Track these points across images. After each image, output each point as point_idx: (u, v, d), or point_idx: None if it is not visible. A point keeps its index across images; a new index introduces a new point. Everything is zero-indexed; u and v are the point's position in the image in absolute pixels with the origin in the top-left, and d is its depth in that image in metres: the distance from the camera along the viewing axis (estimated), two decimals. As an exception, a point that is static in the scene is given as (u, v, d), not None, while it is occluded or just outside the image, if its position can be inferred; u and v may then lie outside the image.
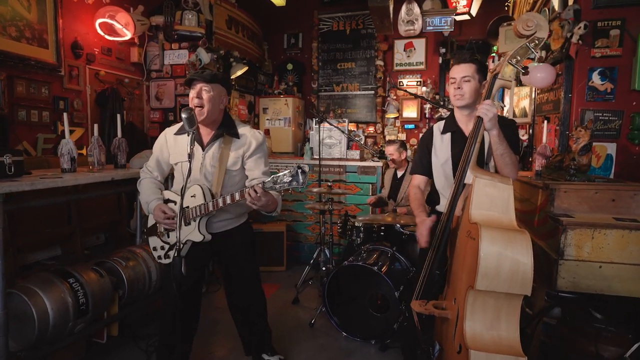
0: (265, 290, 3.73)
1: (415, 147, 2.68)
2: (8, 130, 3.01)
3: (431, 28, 3.99)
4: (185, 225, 1.97)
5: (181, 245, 1.98)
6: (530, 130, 3.84)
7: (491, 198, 1.61)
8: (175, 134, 2.07)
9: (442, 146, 2.03)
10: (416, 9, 4.83)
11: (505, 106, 4.25)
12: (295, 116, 5.80)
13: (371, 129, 5.90)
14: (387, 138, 5.61)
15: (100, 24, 3.63)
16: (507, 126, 1.89)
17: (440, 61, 5.53)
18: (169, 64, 4.37)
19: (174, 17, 4.32)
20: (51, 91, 3.33)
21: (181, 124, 2.07)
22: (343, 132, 3.73)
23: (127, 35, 3.80)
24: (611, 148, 2.76)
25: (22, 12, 3.08)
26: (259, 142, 2.07)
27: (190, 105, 1.95)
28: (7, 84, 2.98)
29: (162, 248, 2.07)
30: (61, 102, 3.42)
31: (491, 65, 4.32)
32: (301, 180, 1.66)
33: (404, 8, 5.26)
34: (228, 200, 1.83)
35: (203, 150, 2.01)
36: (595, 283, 1.90)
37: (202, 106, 1.92)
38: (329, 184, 3.28)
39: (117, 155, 2.67)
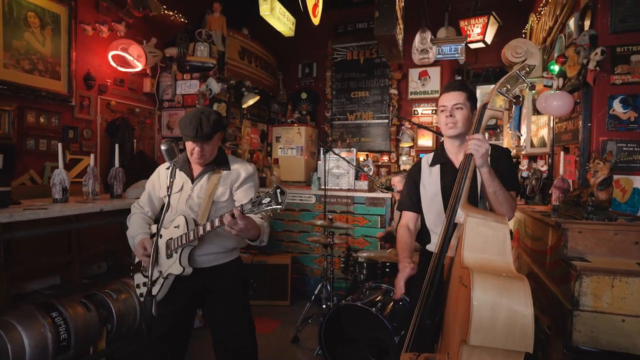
0: (265, 326, 3.61)
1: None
2: (15, 159, 3.06)
3: (441, 56, 3.89)
4: (167, 257, 1.88)
5: (156, 283, 1.89)
6: (550, 161, 3.61)
7: (485, 239, 1.44)
8: (168, 168, 1.99)
9: (430, 179, 1.89)
10: (430, 37, 4.77)
11: (522, 135, 4.05)
12: (308, 145, 5.76)
13: (385, 158, 5.77)
14: (402, 167, 5.45)
15: (113, 56, 3.73)
16: (501, 157, 1.75)
17: (456, 89, 5.39)
18: (180, 94, 4.44)
19: (187, 49, 4.42)
20: (61, 121, 3.40)
21: (174, 159, 2.01)
22: (349, 162, 3.62)
23: (139, 66, 3.88)
24: (638, 182, 2.52)
25: (37, 46, 3.19)
26: (249, 173, 1.99)
27: (188, 153, 1.90)
28: (17, 114, 3.06)
29: (145, 285, 1.98)
30: (71, 132, 3.48)
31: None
32: (280, 201, 1.54)
33: (417, 37, 5.22)
34: (208, 228, 1.73)
35: (192, 182, 1.94)
36: (618, 340, 1.66)
37: (203, 157, 1.88)
38: (330, 217, 3.14)
39: (114, 185, 2.65)
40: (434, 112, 5.50)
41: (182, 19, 4.69)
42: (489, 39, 4.54)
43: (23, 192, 3.04)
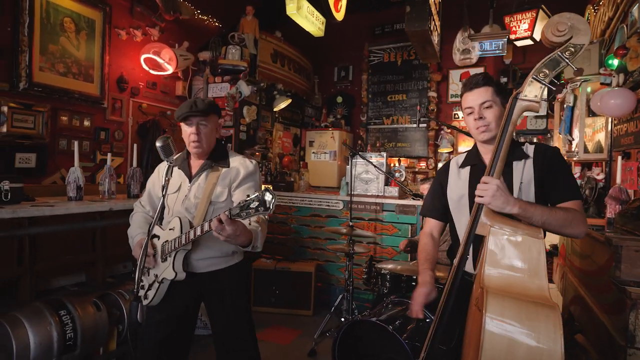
0: (284, 336, 3.46)
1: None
2: (48, 159, 3.17)
3: (480, 53, 3.58)
4: (163, 261, 1.79)
5: (152, 287, 1.80)
6: (607, 168, 3.19)
7: (512, 255, 1.20)
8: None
9: (458, 182, 1.64)
10: (474, 42, 4.46)
11: (573, 139, 3.63)
12: (341, 150, 5.59)
13: (423, 164, 5.47)
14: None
15: (145, 59, 3.80)
16: (546, 160, 1.45)
17: (501, 91, 5.00)
18: (212, 97, 4.45)
19: (219, 53, 4.44)
20: (93, 122, 3.50)
21: (175, 156, 1.94)
22: (377, 167, 3.41)
23: (170, 69, 3.93)
24: None
25: (71, 50, 3.30)
26: (249, 171, 1.85)
27: (186, 142, 1.82)
28: (50, 115, 3.17)
29: (142, 287, 1.90)
30: (102, 133, 3.57)
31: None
32: (267, 207, 1.42)
33: (458, 36, 4.92)
34: (198, 232, 1.62)
35: (190, 181, 1.84)
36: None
37: (200, 141, 1.77)
38: (351, 224, 2.95)
39: (130, 184, 2.63)
40: (476, 115, 5.13)
41: (217, 23, 4.73)
42: (537, 35, 4.15)
43: (53, 190, 3.13)
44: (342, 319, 2.91)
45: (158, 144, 1.67)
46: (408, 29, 3.14)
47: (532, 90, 1.30)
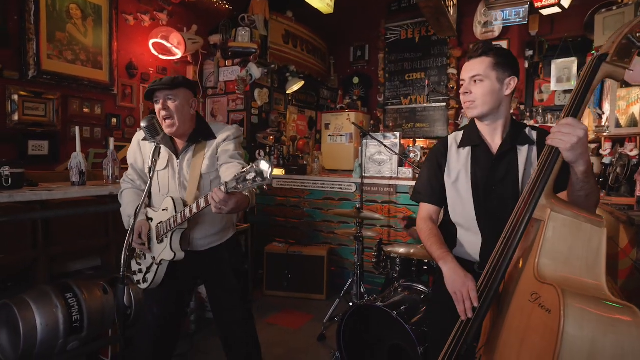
0: (294, 320, 3.43)
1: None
2: (60, 146, 3.22)
3: (500, 23, 3.33)
4: (159, 243, 1.76)
5: (150, 270, 1.78)
6: (641, 144, 2.94)
7: (571, 245, 1.05)
8: (144, 139, 1.84)
9: (458, 164, 1.50)
10: (493, 11, 4.18)
11: (603, 113, 3.35)
12: (358, 132, 5.43)
13: (442, 145, 5.25)
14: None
15: (153, 44, 3.78)
16: None
17: (526, 65, 4.70)
18: (223, 81, 4.41)
19: (230, 35, 4.36)
20: (104, 109, 3.52)
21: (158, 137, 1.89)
22: (388, 147, 3.27)
23: (178, 54, 3.90)
24: None
25: (79, 37, 3.31)
26: (232, 133, 1.79)
27: (161, 118, 1.75)
28: (61, 102, 3.20)
29: (140, 272, 1.89)
30: (113, 119, 3.60)
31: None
32: (265, 175, 1.33)
33: (479, 8, 4.64)
34: (194, 209, 1.58)
35: (177, 158, 1.79)
36: None
37: (171, 117, 1.71)
38: (357, 206, 2.85)
39: (135, 169, 2.62)
40: (499, 92, 4.85)
41: (227, 6, 4.64)
42: (566, 2, 3.83)
43: (66, 176, 3.17)
44: (350, 304, 2.84)
45: (143, 124, 1.63)
46: (420, 1, 2.95)
47: (623, 53, 1.08)
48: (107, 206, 2.83)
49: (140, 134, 1.90)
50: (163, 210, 1.74)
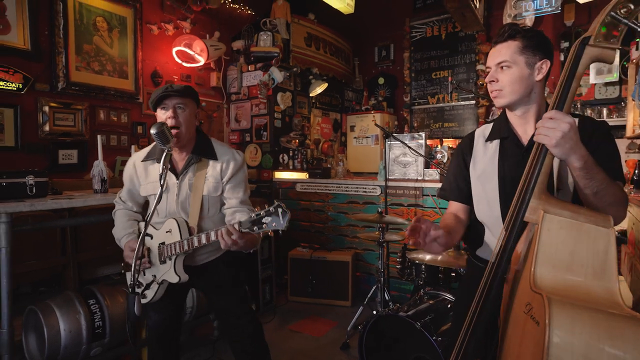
0: (318, 327, 3.35)
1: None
2: (88, 154, 3.32)
3: (530, 13, 3.14)
4: (161, 263, 1.74)
5: (150, 287, 1.78)
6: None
7: (573, 250, 0.94)
8: (143, 160, 1.82)
9: (484, 158, 1.40)
10: (524, 2, 3.97)
11: (649, 106, 3.08)
12: (383, 133, 5.32)
13: (473, 144, 5.04)
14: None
15: (177, 52, 3.84)
16: (595, 135, 1.20)
17: (562, 58, 4.43)
18: (246, 86, 4.42)
19: (252, 41, 4.38)
20: (130, 117, 3.60)
21: (149, 147, 1.86)
22: (412, 148, 3.15)
23: (201, 61, 3.94)
24: None
25: (105, 48, 3.41)
26: (238, 165, 1.77)
27: None
28: (89, 112, 3.30)
29: (138, 286, 1.87)
30: (139, 127, 3.67)
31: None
32: (281, 222, 1.40)
33: (509, 0, 4.42)
34: (203, 240, 1.59)
35: (177, 178, 1.76)
36: None
37: (178, 127, 1.68)
38: (380, 210, 2.74)
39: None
40: (533, 87, 4.60)
41: (250, 11, 4.67)
42: (604, -12, 3.58)
43: (94, 185, 3.29)
44: (374, 312, 2.73)
45: (152, 130, 1.60)
46: (442, -6, 2.82)
47: (608, 32, 1.00)
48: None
49: (137, 155, 1.88)
50: (167, 232, 1.72)
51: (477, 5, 3.19)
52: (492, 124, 1.45)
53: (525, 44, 1.24)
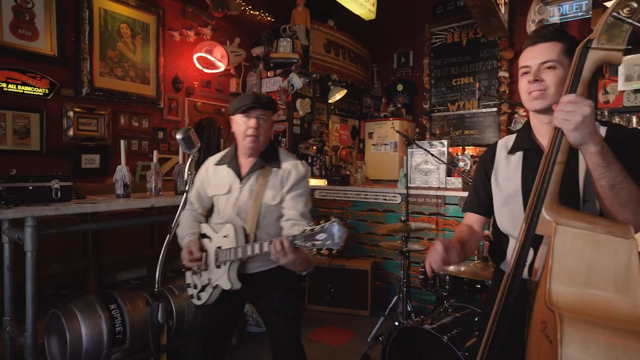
0: (337, 337, 3.29)
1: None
2: (110, 159, 3.35)
3: (556, 18, 3.06)
4: (216, 267, 1.73)
5: (205, 290, 1.75)
6: None
7: (590, 263, 0.89)
8: (216, 164, 1.87)
9: (507, 171, 1.34)
10: (549, 7, 3.89)
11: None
12: (402, 140, 5.25)
13: (494, 152, 4.94)
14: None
15: (197, 58, 3.87)
16: (625, 140, 1.14)
17: (588, 64, 4.31)
18: (265, 92, 4.43)
19: (272, 47, 4.39)
20: (151, 122, 3.63)
21: (223, 153, 1.91)
22: (435, 156, 3.08)
23: (221, 67, 3.96)
24: None
25: (128, 54, 3.45)
26: (300, 176, 1.73)
27: (239, 137, 1.73)
28: (111, 117, 3.34)
29: (195, 287, 1.86)
30: (160, 132, 3.70)
31: None
32: (336, 240, 1.32)
33: (533, 5, 4.34)
34: (257, 250, 1.56)
35: (240, 182, 1.75)
36: None
37: (258, 136, 1.69)
38: (403, 218, 2.68)
39: (177, 181, 2.65)
40: (557, 94, 4.48)
41: (269, 18, 4.69)
42: (634, -8, 3.47)
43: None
44: (396, 323, 2.66)
45: (178, 136, 1.59)
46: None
47: (612, 34, 0.96)
48: (152, 218, 2.89)
49: (211, 159, 1.91)
50: (224, 236, 1.71)
51: (503, 11, 3.12)
52: (514, 135, 1.40)
53: (568, 47, 1.19)
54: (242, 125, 1.70)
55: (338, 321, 3.42)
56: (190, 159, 1.61)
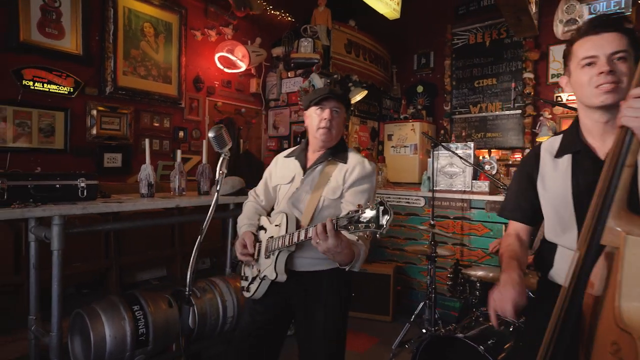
0: (359, 343, 3.21)
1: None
2: (132, 158, 3.34)
3: (593, 17, 2.94)
4: (266, 257, 1.66)
5: (254, 281, 1.68)
6: None
7: None
8: (285, 156, 1.84)
9: (555, 175, 1.25)
10: (579, 5, 3.78)
11: None
12: (422, 142, 5.17)
13: (518, 155, 4.82)
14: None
15: (219, 58, 3.85)
16: None
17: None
18: (285, 93, 4.39)
19: (292, 47, 4.35)
20: (172, 122, 3.62)
21: (293, 148, 1.88)
22: (463, 158, 2.99)
23: (243, 67, 3.94)
24: None
25: (151, 53, 3.45)
26: (366, 172, 1.63)
27: (312, 130, 1.68)
28: (133, 116, 3.33)
29: (246, 279, 1.79)
30: (180, 132, 3.68)
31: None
32: (381, 222, 1.20)
33: (561, 5, 4.23)
34: (302, 236, 1.45)
35: (304, 173, 1.70)
36: None
37: (330, 128, 1.64)
38: (432, 222, 2.60)
39: (200, 181, 2.61)
40: (585, 96, 4.34)
41: (290, 18, 4.66)
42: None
43: (136, 188, 3.29)
44: (424, 330, 2.58)
45: (210, 134, 1.54)
46: (498, -3, 2.69)
47: None
48: (174, 218, 2.86)
49: (281, 153, 1.87)
50: (276, 225, 1.65)
51: (534, 9, 3.03)
52: (559, 137, 1.31)
53: (632, 39, 1.10)
54: (315, 118, 1.65)
55: (359, 326, 3.34)
56: (222, 158, 1.56)
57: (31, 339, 2.04)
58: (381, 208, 1.19)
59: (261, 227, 1.75)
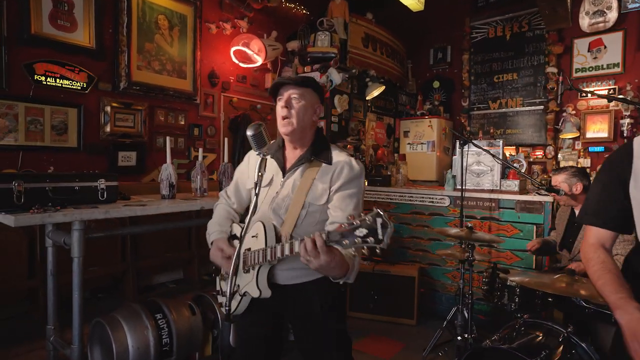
0: (385, 349, 3.09)
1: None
2: (146, 157, 3.21)
3: (636, 5, 2.79)
4: (245, 272, 1.50)
5: (233, 298, 1.48)
6: None
7: None
8: (258, 154, 1.57)
9: None
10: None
11: None
12: (440, 139, 5.04)
13: (539, 153, 4.68)
14: (562, 164, 4.32)
15: (234, 52, 3.71)
16: None
17: (648, 59, 4.03)
18: (301, 88, 4.24)
19: (308, 41, 4.20)
20: (187, 119, 3.49)
21: (271, 143, 1.69)
22: (495, 156, 2.85)
23: (259, 61, 3.80)
24: None
25: (166, 47, 3.31)
26: (354, 174, 1.47)
27: (278, 122, 1.53)
28: (148, 113, 3.20)
29: (223, 295, 1.64)
30: (196, 129, 3.55)
31: None
32: (380, 236, 1.05)
33: (588, -4, 4.07)
34: (286, 251, 1.30)
35: (284, 175, 1.54)
36: None
37: (289, 117, 1.48)
38: (469, 224, 2.47)
39: (222, 181, 2.48)
40: (610, 92, 4.20)
41: (305, 11, 4.51)
42: None
43: (151, 187, 3.16)
44: (459, 338, 2.45)
45: (249, 132, 1.40)
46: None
47: None
48: (192, 221, 2.74)
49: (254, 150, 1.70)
50: (252, 236, 1.48)
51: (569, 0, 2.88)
52: None
53: None
54: (277, 107, 1.50)
55: (383, 330, 3.22)
56: (260, 159, 1.43)
57: (50, 350, 1.93)
58: (379, 220, 1.05)
59: (234, 236, 1.58)
